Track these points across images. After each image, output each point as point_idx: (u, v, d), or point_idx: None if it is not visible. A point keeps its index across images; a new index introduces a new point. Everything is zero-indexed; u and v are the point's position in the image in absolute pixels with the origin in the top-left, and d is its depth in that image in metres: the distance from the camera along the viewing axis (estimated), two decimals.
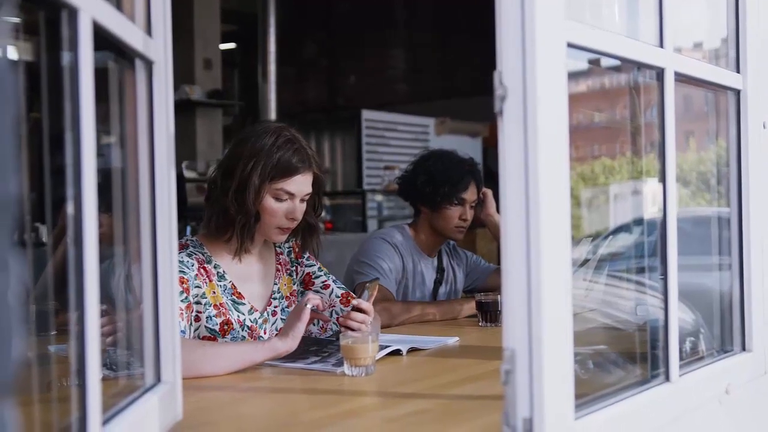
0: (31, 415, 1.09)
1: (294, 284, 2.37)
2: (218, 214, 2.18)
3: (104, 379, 1.06)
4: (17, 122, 0.59)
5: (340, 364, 1.88)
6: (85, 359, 0.99)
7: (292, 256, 2.40)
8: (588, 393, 1.34)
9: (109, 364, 1.38)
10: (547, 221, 1.16)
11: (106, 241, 1.12)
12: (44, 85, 1.03)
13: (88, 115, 0.99)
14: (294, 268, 2.39)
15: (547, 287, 1.16)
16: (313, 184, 2.25)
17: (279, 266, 2.35)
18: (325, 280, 2.40)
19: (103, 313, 1.36)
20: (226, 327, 2.14)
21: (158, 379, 1.36)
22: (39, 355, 1.45)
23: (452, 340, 2.33)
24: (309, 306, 1.97)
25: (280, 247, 2.38)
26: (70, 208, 0.99)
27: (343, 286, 2.41)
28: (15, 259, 0.57)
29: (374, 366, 1.86)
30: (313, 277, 2.39)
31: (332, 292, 2.36)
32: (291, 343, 1.94)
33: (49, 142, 1.05)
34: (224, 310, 2.15)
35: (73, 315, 0.99)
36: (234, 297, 2.20)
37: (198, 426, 1.47)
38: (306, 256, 2.42)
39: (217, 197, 2.17)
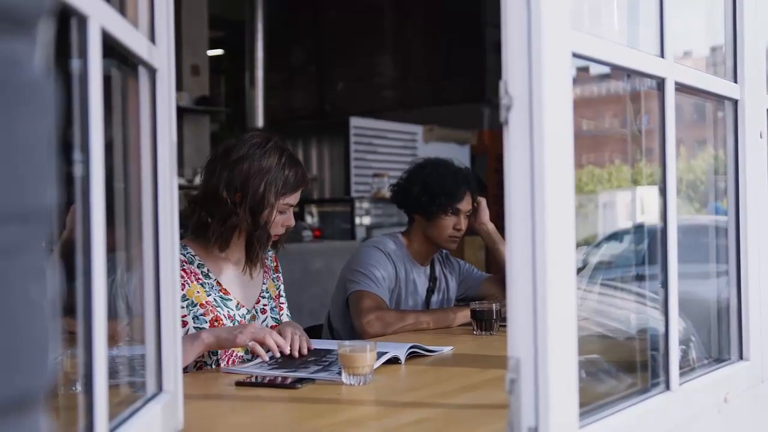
0: None
1: (276, 289, 2.47)
2: (230, 230, 2.24)
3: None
4: (54, 133, 0.59)
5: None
6: (93, 368, 0.98)
7: (273, 264, 2.50)
8: (589, 402, 1.34)
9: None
10: (553, 229, 1.16)
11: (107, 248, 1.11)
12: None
13: (96, 121, 0.99)
14: (276, 275, 2.49)
15: (552, 296, 1.16)
16: None
17: (266, 269, 2.45)
18: (283, 303, 2.49)
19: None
20: (216, 323, 2.21)
21: (160, 388, 1.35)
22: None
23: (447, 350, 2.32)
24: (249, 343, 2.05)
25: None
26: (77, 215, 0.99)
27: (278, 317, 2.46)
28: (51, 268, 0.57)
29: (372, 375, 1.86)
30: (278, 292, 2.49)
31: (266, 319, 2.40)
32: (212, 340, 2.04)
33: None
34: (211, 308, 2.22)
35: (80, 324, 0.98)
36: (221, 294, 2.27)
37: None
38: (279, 272, 2.51)
39: (225, 215, 2.22)
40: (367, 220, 7.60)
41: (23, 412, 0.54)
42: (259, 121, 8.81)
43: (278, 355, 2.09)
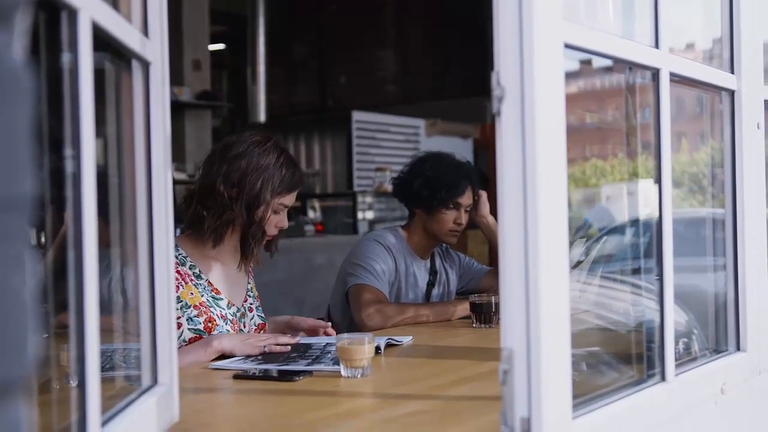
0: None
1: (256, 290, 2.50)
2: (225, 224, 2.25)
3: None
4: (34, 123, 0.59)
5: (337, 362, 1.88)
6: (85, 361, 0.98)
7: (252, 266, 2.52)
8: (584, 393, 1.34)
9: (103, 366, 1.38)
10: (545, 221, 1.16)
11: (100, 243, 1.12)
12: (42, 86, 1.02)
13: (87, 116, 0.99)
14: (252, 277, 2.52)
15: (545, 287, 1.16)
16: None
17: (250, 269, 2.47)
18: (255, 304, 2.48)
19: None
20: (210, 324, 2.23)
21: (155, 381, 1.35)
22: None
23: (407, 339, 2.34)
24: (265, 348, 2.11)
25: None
26: (68, 211, 0.99)
27: (263, 315, 2.49)
28: (30, 258, 0.57)
29: (370, 367, 1.86)
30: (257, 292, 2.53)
31: (253, 317, 2.42)
32: (226, 345, 2.09)
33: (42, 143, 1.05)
34: (205, 309, 2.24)
35: (72, 317, 0.98)
36: (213, 293, 2.28)
37: (194, 428, 1.47)
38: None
39: (221, 209, 2.23)
40: (369, 215, 7.61)
41: (3, 400, 0.54)
42: (261, 116, 8.81)
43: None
